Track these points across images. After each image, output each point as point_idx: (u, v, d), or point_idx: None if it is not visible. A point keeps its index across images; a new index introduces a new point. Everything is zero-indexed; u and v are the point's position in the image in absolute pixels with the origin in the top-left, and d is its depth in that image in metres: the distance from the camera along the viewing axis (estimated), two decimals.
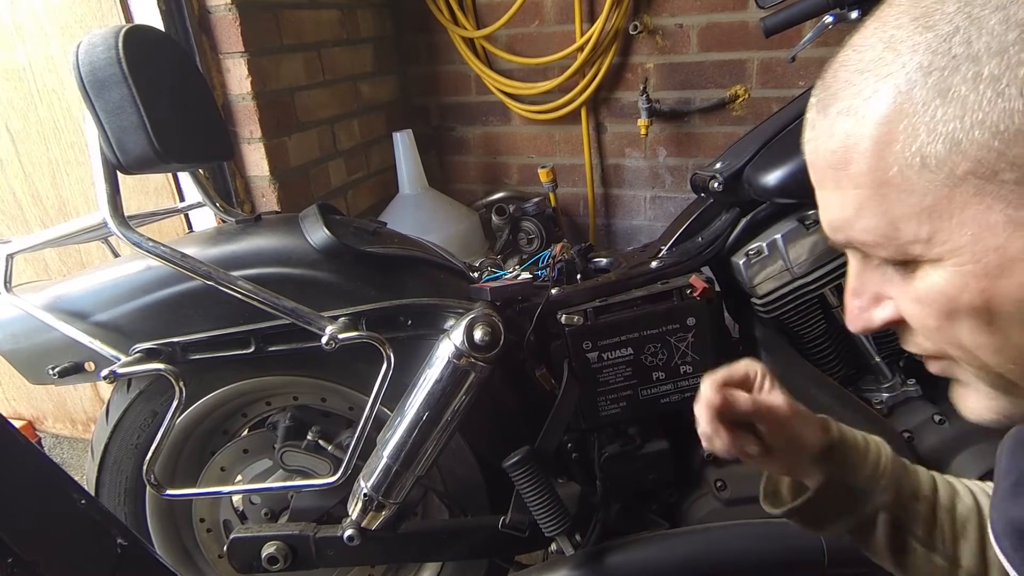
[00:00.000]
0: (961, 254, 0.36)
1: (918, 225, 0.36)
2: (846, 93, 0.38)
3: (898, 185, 0.36)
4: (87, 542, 0.51)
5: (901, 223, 0.37)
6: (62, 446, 2.16)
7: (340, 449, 1.11)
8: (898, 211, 0.37)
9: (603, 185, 2.19)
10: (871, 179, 0.37)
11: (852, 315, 0.45)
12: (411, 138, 2.04)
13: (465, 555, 1.14)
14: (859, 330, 0.45)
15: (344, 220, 1.12)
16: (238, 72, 1.58)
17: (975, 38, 0.33)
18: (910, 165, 0.35)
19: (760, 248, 1.07)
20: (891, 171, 0.36)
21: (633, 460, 1.10)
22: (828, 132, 0.39)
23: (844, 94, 0.38)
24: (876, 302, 0.43)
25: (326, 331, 0.94)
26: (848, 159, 0.38)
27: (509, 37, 2.07)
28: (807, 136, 0.43)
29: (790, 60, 1.35)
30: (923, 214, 0.36)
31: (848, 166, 0.38)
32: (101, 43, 0.89)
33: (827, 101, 0.40)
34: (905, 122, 0.35)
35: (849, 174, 0.38)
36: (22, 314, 1.04)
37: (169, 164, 0.95)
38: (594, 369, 1.05)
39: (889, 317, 0.43)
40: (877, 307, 0.43)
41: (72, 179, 1.74)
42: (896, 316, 0.42)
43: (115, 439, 1.12)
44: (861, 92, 0.37)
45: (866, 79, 0.37)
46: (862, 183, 0.38)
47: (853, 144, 0.38)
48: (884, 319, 0.43)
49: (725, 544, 1.01)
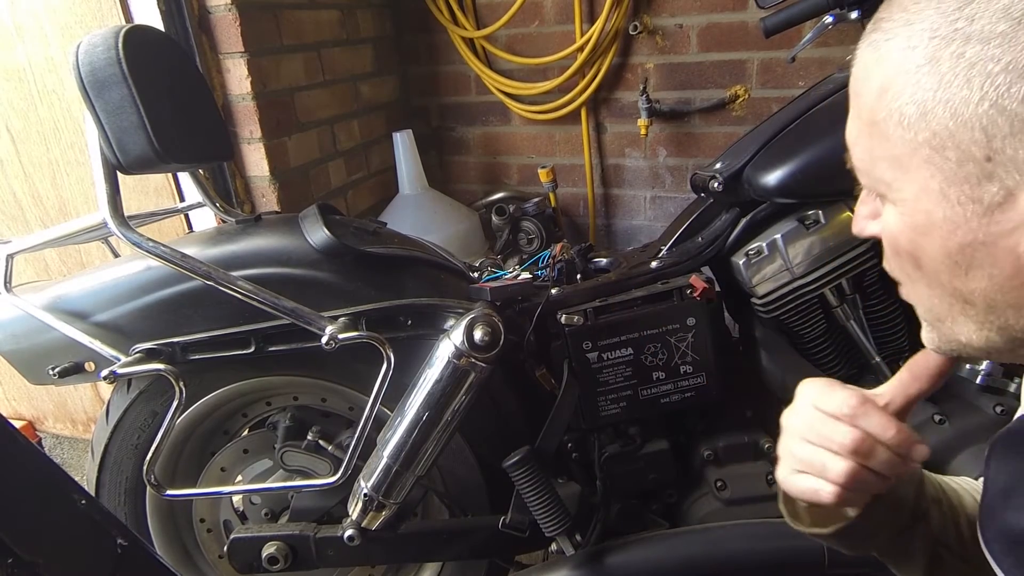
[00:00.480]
0: (905, 205, 0.41)
1: (887, 168, 0.41)
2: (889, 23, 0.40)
3: (882, 130, 0.40)
4: (87, 542, 0.51)
5: (877, 162, 0.42)
6: (62, 446, 2.16)
7: (340, 449, 1.11)
8: (878, 151, 0.42)
9: (603, 185, 2.19)
10: (868, 116, 0.42)
11: (855, 219, 0.50)
12: (411, 138, 2.04)
13: (465, 555, 1.14)
14: (858, 233, 0.50)
15: (344, 220, 1.12)
16: (238, 72, 1.58)
17: (977, 17, 0.34)
18: (892, 116, 0.39)
19: (760, 248, 1.07)
20: (880, 115, 0.40)
21: (633, 460, 1.10)
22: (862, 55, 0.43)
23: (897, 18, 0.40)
24: (873, 216, 0.48)
25: (326, 331, 0.94)
26: (860, 90, 0.42)
27: (509, 37, 2.07)
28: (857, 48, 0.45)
29: (790, 60, 1.35)
30: (893, 160, 0.41)
31: (859, 96, 0.43)
32: (101, 43, 0.89)
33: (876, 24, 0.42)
34: (902, 78, 0.38)
35: (858, 103, 0.43)
36: (22, 314, 1.04)
37: (169, 164, 0.95)
38: (594, 369, 1.05)
39: (874, 232, 0.48)
40: (872, 221, 0.48)
41: (72, 179, 1.74)
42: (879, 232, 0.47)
43: (115, 439, 1.12)
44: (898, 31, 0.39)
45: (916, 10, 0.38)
46: (862, 115, 0.42)
47: (865, 78, 0.42)
48: (873, 233, 0.48)
49: (725, 544, 1.01)
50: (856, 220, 0.50)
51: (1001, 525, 0.46)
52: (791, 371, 1.08)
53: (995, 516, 0.48)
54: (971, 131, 0.36)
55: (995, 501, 0.48)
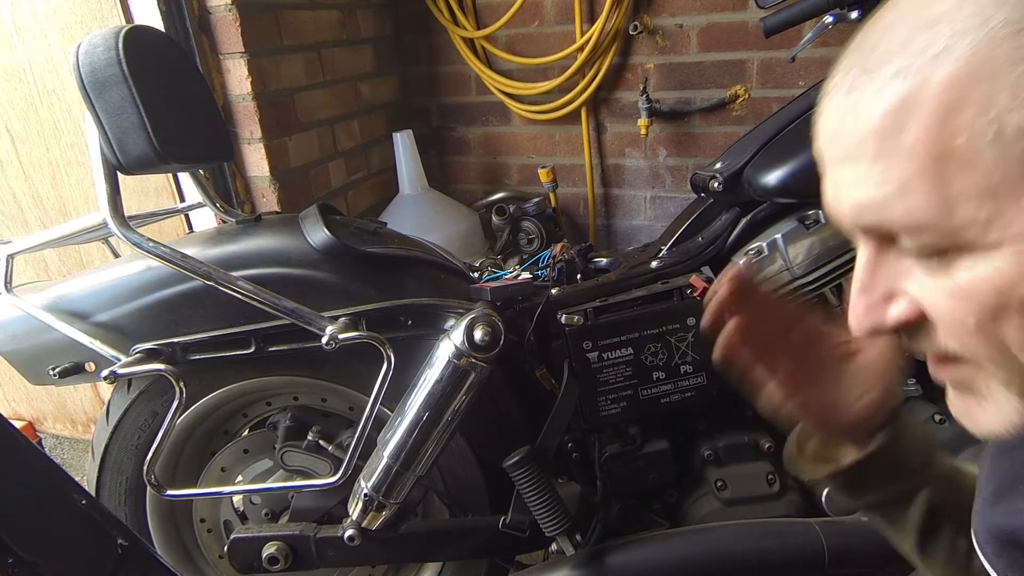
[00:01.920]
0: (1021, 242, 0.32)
1: (978, 205, 0.32)
2: (905, 52, 0.33)
3: (962, 157, 0.31)
4: (88, 542, 0.52)
5: (958, 203, 0.32)
6: (62, 447, 2.16)
7: (340, 449, 1.11)
8: (957, 188, 0.32)
9: (603, 185, 2.19)
10: (928, 150, 0.32)
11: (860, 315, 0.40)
12: (411, 138, 2.04)
13: (465, 555, 1.14)
14: (867, 331, 0.40)
15: (344, 220, 1.12)
16: (238, 72, 1.58)
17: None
18: (982, 135, 0.31)
19: (760, 248, 1.07)
20: (957, 140, 0.31)
21: (633, 460, 1.10)
22: (875, 94, 0.34)
23: (902, 53, 0.33)
24: (889, 299, 0.39)
25: (326, 331, 0.94)
26: (901, 125, 0.33)
27: (509, 37, 2.07)
28: (833, 103, 0.37)
29: (790, 60, 1.35)
30: (986, 193, 0.31)
31: (900, 133, 0.33)
32: (101, 44, 0.89)
33: (874, 62, 0.34)
34: (984, 85, 0.30)
35: (900, 143, 0.33)
36: (22, 314, 1.04)
37: (169, 164, 0.95)
38: (594, 369, 1.05)
39: (906, 315, 0.38)
40: (890, 304, 0.39)
41: (72, 180, 1.74)
42: (913, 314, 0.38)
43: (115, 439, 1.12)
44: (927, 49, 0.32)
45: (934, 35, 0.32)
46: (916, 153, 0.33)
47: (911, 107, 0.32)
48: (899, 318, 0.38)
49: (725, 544, 1.01)
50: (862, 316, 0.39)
51: (992, 527, 0.46)
52: None
53: (986, 519, 0.48)
54: None
55: (987, 503, 0.48)
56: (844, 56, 0.37)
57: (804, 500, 1.09)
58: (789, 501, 1.08)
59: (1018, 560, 0.43)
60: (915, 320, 0.38)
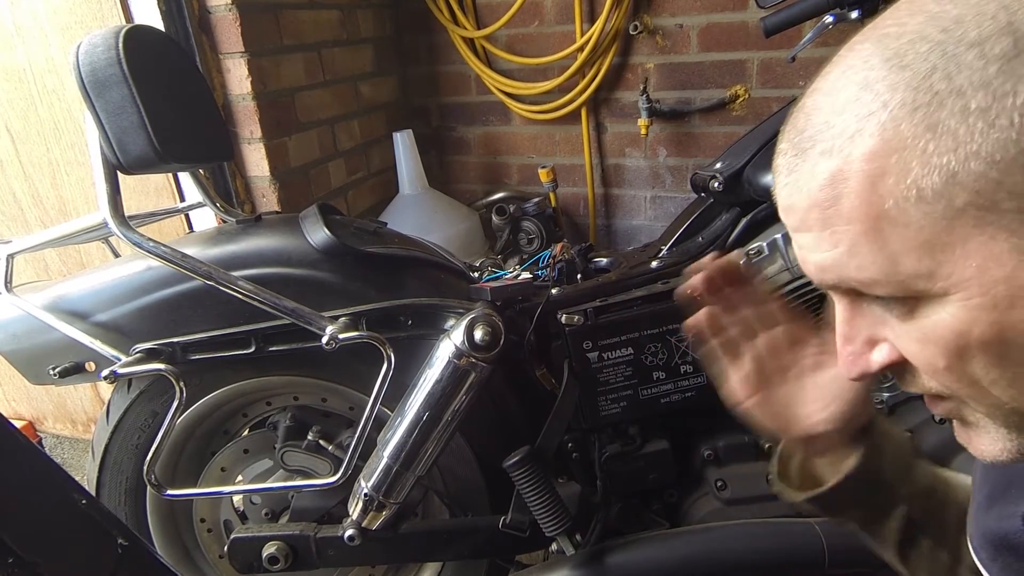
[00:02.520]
0: (968, 287, 0.34)
1: (918, 259, 0.35)
2: (826, 135, 0.37)
3: (894, 218, 0.35)
4: (88, 542, 0.52)
5: (900, 257, 0.36)
6: (63, 446, 2.16)
7: (340, 449, 1.11)
8: (896, 245, 0.35)
9: (603, 185, 2.19)
10: (865, 213, 0.36)
11: (847, 362, 0.43)
12: (411, 138, 2.04)
13: (466, 555, 1.14)
14: (857, 377, 0.43)
15: (344, 220, 1.12)
16: (238, 72, 1.58)
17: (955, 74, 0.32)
18: (906, 198, 0.34)
19: (760, 248, 1.07)
20: (886, 204, 0.35)
21: (633, 460, 1.10)
22: (810, 173, 0.38)
23: (823, 136, 0.37)
24: (871, 345, 0.42)
25: (326, 331, 0.94)
26: (837, 195, 0.36)
27: (509, 37, 2.07)
28: (782, 181, 0.41)
29: (790, 60, 1.35)
30: (923, 247, 0.35)
31: (837, 202, 0.36)
32: (101, 43, 0.89)
33: (803, 144, 0.38)
34: (896, 156, 0.34)
35: (839, 211, 0.37)
36: (23, 314, 1.04)
37: (169, 164, 0.95)
38: (594, 369, 1.05)
39: (887, 359, 0.41)
40: (873, 351, 0.42)
41: (72, 179, 1.74)
42: (895, 357, 0.41)
43: (115, 439, 1.12)
44: (844, 132, 0.36)
45: (845, 119, 0.36)
46: (854, 217, 0.36)
47: (842, 180, 0.36)
48: (882, 362, 0.42)
49: (725, 544, 1.01)
50: (849, 364, 0.43)
51: (986, 531, 0.47)
52: None
53: (980, 523, 0.48)
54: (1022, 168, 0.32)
55: (980, 508, 0.48)
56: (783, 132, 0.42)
57: None
58: None
59: (1012, 564, 0.44)
60: (898, 363, 0.41)
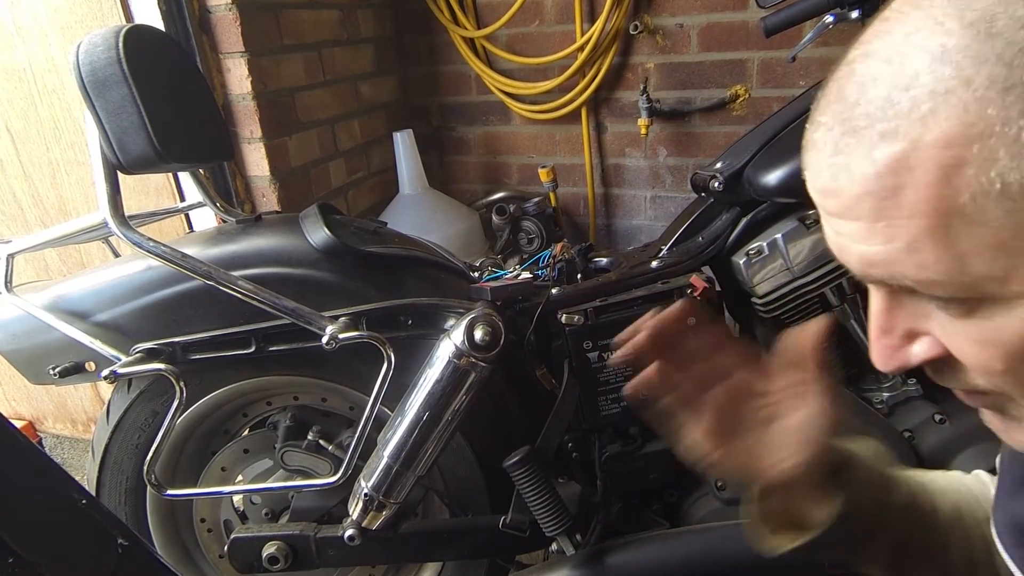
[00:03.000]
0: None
1: (992, 260, 0.32)
2: (888, 113, 0.33)
3: (969, 215, 0.31)
4: (88, 542, 0.51)
5: (970, 258, 0.32)
6: (63, 446, 2.16)
7: (341, 449, 1.11)
8: (967, 245, 0.32)
9: (603, 185, 2.19)
10: (933, 208, 0.32)
11: (883, 355, 0.40)
12: (411, 138, 2.04)
13: (466, 555, 1.14)
14: (893, 370, 0.40)
15: (344, 220, 1.12)
16: (238, 72, 1.58)
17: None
18: (986, 192, 0.30)
19: (760, 248, 1.07)
20: (961, 198, 0.31)
21: (634, 460, 1.10)
22: (865, 156, 0.34)
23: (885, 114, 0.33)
24: (910, 339, 0.39)
25: (327, 331, 0.94)
26: (899, 185, 0.32)
27: (509, 37, 2.07)
28: (823, 160, 0.37)
29: (790, 60, 1.35)
30: (999, 248, 0.31)
31: (898, 193, 0.33)
32: (101, 43, 0.89)
33: (857, 122, 0.34)
34: (979, 144, 0.30)
35: (899, 203, 0.33)
36: (23, 314, 1.04)
37: (169, 164, 0.95)
38: (594, 369, 1.05)
39: (929, 354, 0.38)
40: (913, 343, 0.39)
41: (72, 179, 1.74)
42: (938, 353, 0.38)
43: (116, 439, 1.12)
44: (912, 111, 0.32)
45: (915, 95, 0.32)
46: (919, 212, 0.32)
47: (907, 169, 0.32)
48: (924, 356, 0.39)
49: (725, 544, 1.00)
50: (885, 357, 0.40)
51: (1011, 518, 0.47)
52: None
53: (1006, 509, 0.48)
54: None
55: (1007, 495, 0.48)
56: (823, 102, 0.38)
57: None
58: None
59: None
60: (940, 358, 0.38)
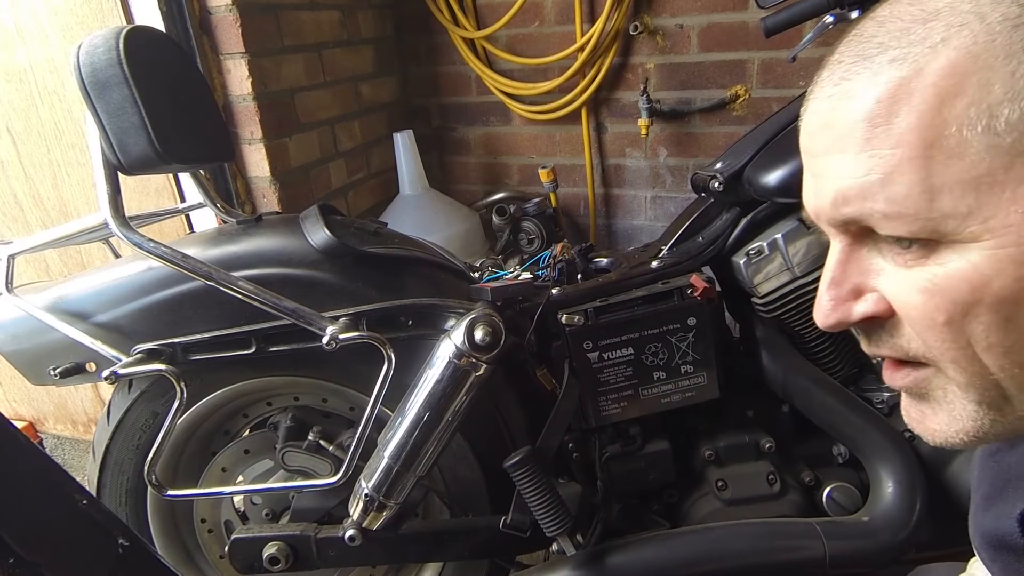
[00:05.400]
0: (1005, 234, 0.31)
1: (961, 196, 0.32)
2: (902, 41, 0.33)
3: (950, 147, 0.31)
4: (88, 542, 0.51)
5: (941, 193, 0.32)
6: (63, 447, 2.16)
7: (341, 449, 1.11)
8: (941, 178, 0.32)
9: (603, 185, 2.19)
10: (919, 137, 0.32)
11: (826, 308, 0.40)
12: (411, 138, 2.04)
13: (466, 555, 1.14)
14: (832, 325, 0.40)
15: (345, 220, 1.13)
16: (239, 73, 1.58)
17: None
18: (972, 125, 0.31)
19: (761, 248, 1.07)
20: (948, 130, 0.31)
21: (634, 460, 1.10)
22: (870, 80, 0.34)
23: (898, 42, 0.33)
24: (856, 295, 0.39)
25: (327, 331, 0.94)
26: (894, 112, 0.33)
27: (509, 37, 2.07)
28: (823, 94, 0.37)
29: (790, 60, 1.35)
30: (970, 184, 0.31)
31: (891, 120, 0.33)
32: (102, 44, 0.89)
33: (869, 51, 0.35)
34: (978, 76, 0.30)
35: (890, 130, 0.33)
36: (23, 315, 1.04)
37: (170, 165, 0.95)
38: (595, 369, 1.05)
39: (871, 310, 0.38)
40: (858, 300, 0.39)
41: (73, 180, 1.74)
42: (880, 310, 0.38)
43: (116, 440, 1.12)
44: (925, 39, 0.32)
45: (932, 27, 0.32)
46: (905, 141, 0.33)
47: (906, 94, 0.32)
48: (864, 312, 0.39)
49: (726, 544, 1.01)
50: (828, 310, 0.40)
51: (985, 532, 0.47)
52: (792, 371, 1.08)
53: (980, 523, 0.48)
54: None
55: (979, 508, 0.48)
56: (835, 52, 0.38)
57: (804, 500, 1.09)
58: (789, 501, 1.08)
59: (1012, 564, 0.44)
60: (881, 316, 0.38)
